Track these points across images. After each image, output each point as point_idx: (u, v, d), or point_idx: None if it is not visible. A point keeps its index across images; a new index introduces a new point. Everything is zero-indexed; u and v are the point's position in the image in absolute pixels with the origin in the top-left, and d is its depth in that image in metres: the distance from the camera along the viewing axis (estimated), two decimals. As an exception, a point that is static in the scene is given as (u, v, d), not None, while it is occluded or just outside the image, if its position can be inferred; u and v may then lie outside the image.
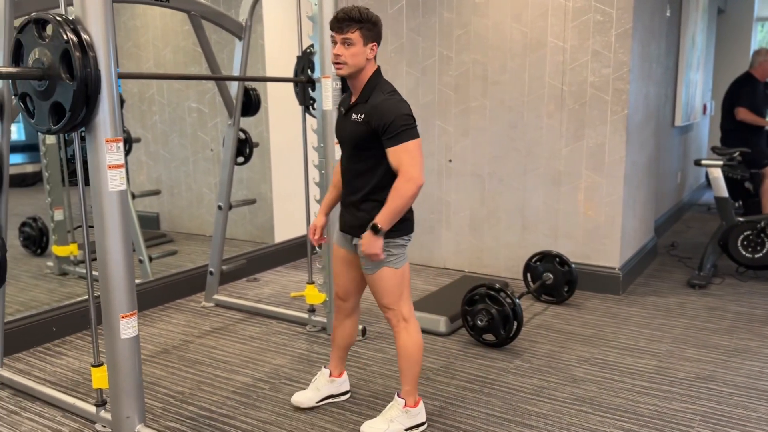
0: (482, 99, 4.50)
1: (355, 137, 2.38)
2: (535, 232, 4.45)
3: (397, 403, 2.56)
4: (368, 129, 2.33)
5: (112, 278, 2.27)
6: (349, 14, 2.28)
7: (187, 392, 2.97)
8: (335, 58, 2.32)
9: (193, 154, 5.94)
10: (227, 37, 5.27)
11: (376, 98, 2.34)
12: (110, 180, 2.19)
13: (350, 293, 2.68)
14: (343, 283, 2.66)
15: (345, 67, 2.32)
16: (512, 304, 3.32)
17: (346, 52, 2.30)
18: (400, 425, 2.54)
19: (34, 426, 2.67)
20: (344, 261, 2.62)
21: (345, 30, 2.29)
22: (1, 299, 2.96)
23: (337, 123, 2.54)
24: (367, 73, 2.38)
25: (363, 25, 2.30)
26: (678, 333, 3.60)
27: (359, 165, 2.42)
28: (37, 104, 2.24)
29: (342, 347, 2.80)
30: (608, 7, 3.98)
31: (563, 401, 2.82)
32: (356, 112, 2.38)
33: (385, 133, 2.29)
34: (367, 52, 2.33)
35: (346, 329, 2.76)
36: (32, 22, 2.19)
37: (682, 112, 6.18)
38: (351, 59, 2.31)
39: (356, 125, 2.37)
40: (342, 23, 2.28)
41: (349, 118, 2.41)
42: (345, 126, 2.45)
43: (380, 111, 2.29)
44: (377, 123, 2.30)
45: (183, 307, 4.19)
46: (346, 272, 2.63)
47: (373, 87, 2.37)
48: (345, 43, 2.30)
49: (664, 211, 6.15)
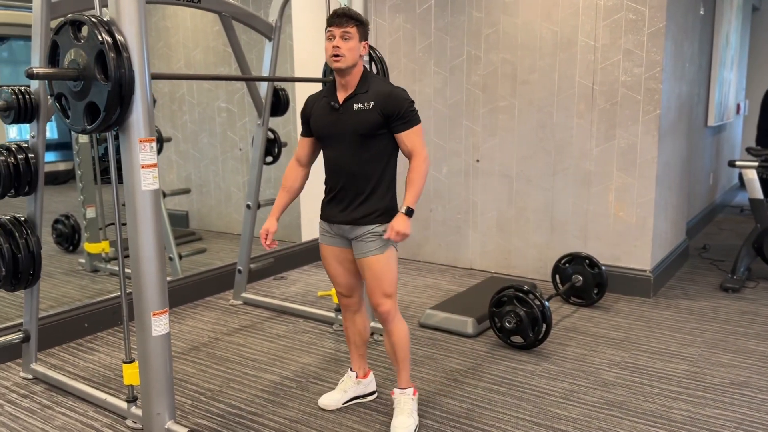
0: (511, 99, 4.47)
1: (364, 125, 2.43)
2: (564, 233, 4.41)
3: (406, 394, 2.62)
4: (379, 116, 2.42)
5: (145, 275, 2.30)
6: (347, 11, 2.43)
7: (216, 389, 2.99)
8: (335, 50, 2.40)
9: (222, 153, 5.99)
10: (256, 37, 5.31)
11: (382, 87, 2.46)
12: (143, 179, 2.22)
13: (353, 288, 2.70)
14: (343, 280, 2.67)
15: (343, 60, 2.40)
16: (541, 306, 3.29)
17: (344, 45, 2.40)
18: (416, 412, 2.63)
19: (67, 420, 2.72)
20: (337, 259, 2.63)
21: (344, 25, 2.40)
22: (35, 296, 3.02)
23: (320, 120, 2.53)
24: (360, 68, 2.49)
25: (359, 23, 2.44)
26: (711, 337, 3.53)
27: (365, 154, 2.46)
28: (72, 104, 2.28)
29: (359, 345, 2.81)
30: (641, 5, 3.92)
31: (593, 405, 2.79)
32: (359, 102, 2.44)
33: (400, 119, 2.43)
34: (360, 48, 2.45)
35: (358, 326, 2.78)
36: (68, 24, 2.23)
37: (715, 111, 6.06)
38: (348, 53, 2.40)
39: (365, 113, 2.42)
40: (342, 18, 2.41)
41: (350, 110, 2.45)
42: (343, 119, 2.46)
43: (393, 98, 2.43)
44: (391, 109, 2.42)
45: (212, 304, 4.23)
46: (343, 270, 2.65)
47: (370, 79, 2.49)
48: (344, 37, 2.40)
49: (697, 213, 6.04)
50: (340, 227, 2.54)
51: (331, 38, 2.41)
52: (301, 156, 2.68)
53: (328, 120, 2.51)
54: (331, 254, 2.63)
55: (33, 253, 2.80)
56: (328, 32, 2.42)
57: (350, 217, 2.50)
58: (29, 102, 2.79)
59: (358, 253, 2.52)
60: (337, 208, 2.54)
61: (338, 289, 2.71)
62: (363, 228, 2.48)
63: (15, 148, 2.78)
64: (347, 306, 2.75)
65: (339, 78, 2.47)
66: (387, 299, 2.52)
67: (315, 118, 2.56)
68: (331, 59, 2.41)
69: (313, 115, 2.57)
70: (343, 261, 2.62)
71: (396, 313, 2.57)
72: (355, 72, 2.46)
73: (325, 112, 2.52)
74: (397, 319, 2.57)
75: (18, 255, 2.76)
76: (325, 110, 2.52)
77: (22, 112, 2.78)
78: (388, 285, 2.51)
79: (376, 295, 2.52)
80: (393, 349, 2.60)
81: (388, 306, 2.53)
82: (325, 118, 2.52)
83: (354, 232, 2.51)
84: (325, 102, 2.52)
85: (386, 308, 2.53)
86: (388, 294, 2.52)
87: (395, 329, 2.57)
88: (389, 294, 2.52)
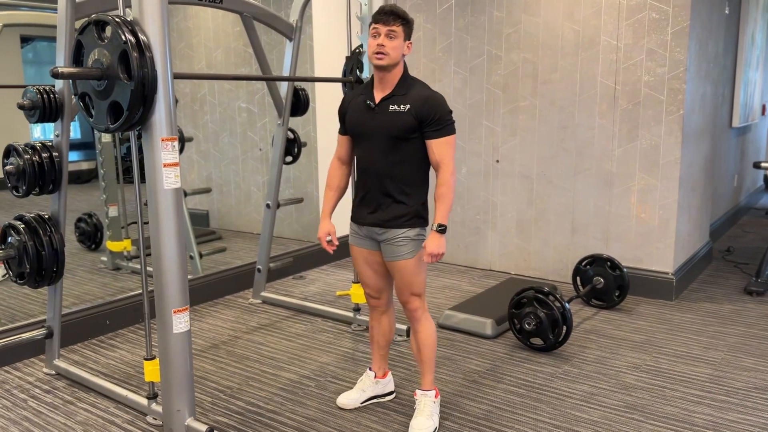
0: (531, 98, 4.44)
1: (398, 128, 2.40)
2: (585, 234, 4.37)
3: (428, 396, 2.61)
4: (414, 120, 2.38)
5: (166, 273, 2.32)
6: (394, 9, 2.39)
7: (236, 387, 3.01)
8: (378, 48, 2.37)
9: (243, 153, 6.03)
10: (276, 38, 5.34)
11: (421, 91, 2.42)
12: (165, 178, 2.24)
13: (381, 289, 2.69)
14: (373, 281, 2.67)
15: (386, 58, 2.38)
16: (561, 308, 3.26)
17: (389, 43, 2.37)
18: (437, 415, 2.61)
19: (89, 416, 2.75)
20: (366, 260, 2.62)
21: (390, 23, 2.37)
22: (58, 293, 3.06)
23: (356, 118, 2.52)
24: (400, 68, 2.46)
25: (405, 22, 2.40)
26: (734, 341, 3.47)
27: (396, 156, 2.44)
28: (96, 103, 2.31)
29: (383, 345, 2.81)
30: (664, 4, 3.87)
31: (614, 408, 2.76)
32: (396, 104, 2.41)
33: (433, 125, 2.39)
34: (404, 47, 2.42)
35: (384, 327, 2.78)
36: (92, 24, 2.26)
37: (740, 112, 5.97)
38: (392, 51, 2.38)
39: (399, 115, 2.40)
40: (389, 16, 2.37)
41: (385, 110, 2.43)
42: (378, 119, 2.44)
43: (431, 103, 2.39)
44: (426, 114, 2.37)
45: (231, 303, 4.25)
46: (372, 271, 2.64)
47: (409, 80, 2.46)
48: (389, 36, 2.37)
49: (720, 215, 5.96)
50: (370, 229, 2.53)
51: (376, 35, 2.38)
52: (342, 154, 2.67)
53: (363, 118, 2.49)
54: (360, 256, 2.63)
55: (57, 250, 2.83)
56: (373, 29, 2.39)
57: (379, 219, 2.50)
58: (54, 101, 2.83)
59: (388, 256, 2.52)
60: (366, 210, 2.53)
61: (366, 290, 2.72)
62: (392, 231, 2.48)
63: (39, 146, 2.82)
64: (375, 306, 2.75)
65: (378, 76, 2.44)
66: (415, 298, 2.53)
67: (350, 114, 2.54)
68: (373, 56, 2.39)
69: (348, 112, 2.56)
70: (372, 263, 2.62)
71: (424, 313, 2.57)
72: (396, 71, 2.43)
73: (360, 109, 2.51)
74: (424, 318, 2.58)
75: (42, 252, 2.80)
76: (360, 108, 2.51)
77: (46, 111, 2.82)
78: (416, 287, 2.52)
79: (404, 294, 2.54)
80: (418, 348, 2.60)
81: (416, 304, 2.54)
82: (359, 116, 2.51)
83: (383, 234, 2.50)
84: (362, 100, 2.51)
85: (414, 306, 2.54)
86: (417, 294, 2.53)
87: (422, 328, 2.57)
88: (418, 294, 2.53)
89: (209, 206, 6.42)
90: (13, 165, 2.80)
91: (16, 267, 2.85)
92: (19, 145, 2.80)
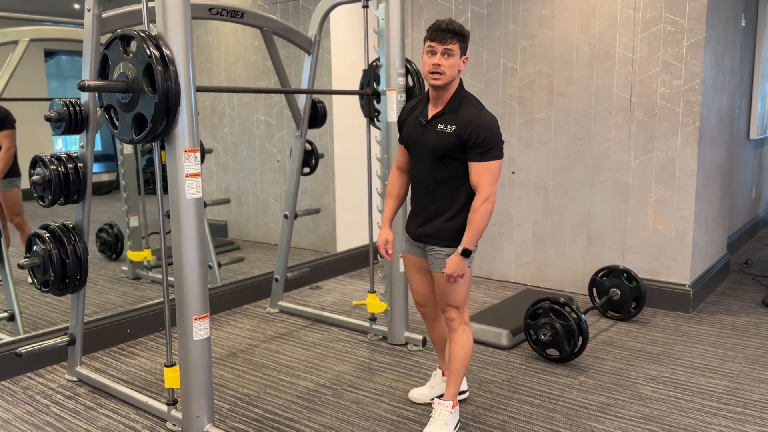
0: (547, 110, 4.47)
1: (442, 147, 2.41)
2: (602, 246, 4.37)
3: (445, 406, 2.62)
4: (458, 141, 2.38)
5: (187, 281, 2.37)
6: (450, 26, 2.33)
7: (253, 395, 3.05)
8: (434, 68, 2.34)
9: (261, 164, 6.10)
10: (295, 51, 5.42)
11: (469, 112, 2.39)
12: (188, 188, 2.30)
13: (428, 298, 2.74)
14: (420, 289, 2.72)
15: (443, 78, 2.36)
16: (577, 319, 3.27)
17: (445, 62, 2.34)
18: (452, 425, 2.62)
19: (109, 422, 2.80)
20: (416, 268, 2.68)
21: (447, 41, 2.33)
22: (81, 300, 3.12)
23: (409, 130, 2.55)
24: (455, 84, 2.43)
25: (462, 37, 2.36)
26: (752, 353, 3.45)
27: (441, 173, 2.46)
28: (120, 116, 2.38)
29: (442, 348, 2.87)
30: (680, 17, 3.89)
31: (630, 420, 2.75)
32: (444, 123, 2.41)
33: (474, 148, 2.36)
34: (461, 64, 2.39)
35: (438, 332, 2.84)
36: (118, 38, 2.33)
37: (757, 124, 5.95)
38: (449, 69, 2.35)
39: (444, 135, 2.40)
40: (445, 34, 2.33)
41: (434, 128, 2.44)
42: (426, 135, 2.47)
43: (474, 125, 2.35)
44: (468, 136, 2.35)
45: (249, 312, 4.30)
46: (421, 279, 2.69)
47: (461, 99, 2.43)
48: (445, 54, 2.34)
49: (738, 227, 5.92)
50: (417, 241, 2.61)
51: (432, 53, 2.35)
52: (401, 163, 2.70)
53: (415, 133, 2.52)
54: (410, 262, 2.70)
55: (80, 259, 2.90)
56: (429, 46, 2.36)
57: (422, 232, 2.56)
58: (79, 113, 2.90)
59: (431, 266, 2.58)
60: (415, 222, 2.61)
61: (414, 296, 2.78)
62: (432, 247, 2.54)
63: (65, 157, 2.89)
64: (423, 314, 2.82)
65: (433, 94, 2.45)
66: (453, 309, 2.57)
67: (406, 127, 2.59)
68: (428, 75, 2.37)
69: (405, 124, 2.60)
70: (422, 271, 2.68)
71: (461, 325, 2.59)
72: (450, 88, 2.42)
73: (414, 124, 2.54)
74: (461, 330, 2.60)
75: (66, 260, 2.87)
76: (414, 122, 2.54)
77: (72, 123, 2.90)
78: (453, 299, 2.55)
79: (442, 303, 2.60)
80: (450, 357, 2.63)
81: (453, 315, 2.58)
82: (412, 130, 2.54)
83: (426, 246, 2.57)
84: (416, 114, 2.54)
85: (451, 316, 2.59)
86: (454, 306, 2.57)
87: (457, 338, 2.60)
88: (455, 306, 2.57)
89: (228, 217, 6.50)
90: (39, 175, 2.87)
91: (41, 275, 2.92)
92: (46, 156, 2.88)
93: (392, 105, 3.44)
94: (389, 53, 3.41)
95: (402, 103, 3.46)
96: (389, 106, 3.45)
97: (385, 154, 3.52)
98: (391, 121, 3.45)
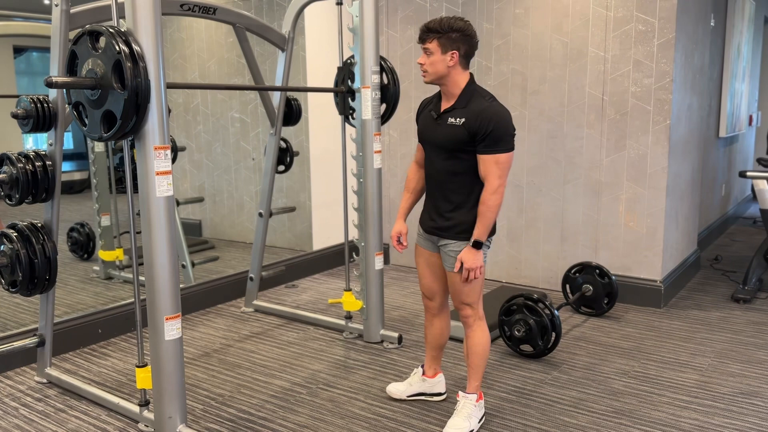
0: (521, 109, 4.50)
1: (453, 141, 2.45)
2: (575, 243, 4.41)
3: (469, 399, 2.65)
4: (467, 134, 2.41)
5: (158, 281, 2.34)
6: (427, 26, 2.43)
7: (227, 395, 3.02)
8: (420, 67, 2.47)
9: (235, 162, 6.06)
10: (269, 49, 5.39)
11: (479, 104, 2.42)
12: (158, 186, 2.27)
13: (435, 292, 2.75)
14: (428, 282, 2.74)
15: (428, 75, 2.46)
16: (550, 315, 3.30)
17: (427, 60, 2.44)
18: (476, 419, 2.64)
19: (80, 424, 2.76)
20: (427, 261, 2.70)
21: (425, 40, 2.43)
22: (50, 301, 3.07)
23: (423, 125, 2.61)
24: (457, 79, 2.46)
25: (441, 35, 2.40)
26: (721, 347, 3.52)
27: (454, 167, 2.49)
28: (89, 113, 2.34)
29: (435, 347, 2.87)
30: (650, 16, 3.95)
31: (602, 414, 2.79)
32: (454, 117, 2.45)
33: (483, 141, 2.39)
34: (447, 60, 2.41)
35: (436, 329, 2.84)
36: (86, 34, 2.29)
37: (727, 122, 6.05)
38: (430, 67, 2.43)
39: (454, 129, 2.44)
40: (423, 34, 2.44)
41: (444, 122, 2.48)
42: (438, 130, 2.50)
43: (483, 118, 2.38)
44: (477, 129, 2.38)
45: (223, 311, 4.27)
46: (430, 272, 2.71)
47: (472, 93, 2.46)
48: (426, 52, 2.44)
49: (708, 224, 6.02)
50: (430, 234, 2.61)
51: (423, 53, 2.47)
52: (419, 157, 2.73)
53: (429, 127, 2.57)
54: (421, 256, 2.71)
55: (49, 258, 2.85)
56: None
57: (435, 226, 2.58)
58: (47, 110, 2.85)
59: (445, 263, 2.60)
60: (427, 215, 2.63)
61: (422, 289, 2.79)
62: (445, 241, 2.55)
63: (33, 155, 2.84)
64: (427, 308, 2.82)
65: (441, 88, 2.52)
66: (466, 306, 2.59)
67: (421, 121, 2.63)
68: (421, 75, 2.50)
69: (420, 119, 2.64)
70: (431, 264, 2.69)
71: (476, 321, 2.61)
72: (453, 84, 2.46)
73: (427, 119, 2.58)
74: (476, 326, 2.62)
75: (35, 260, 2.82)
76: (428, 117, 2.58)
77: (40, 120, 2.85)
78: (466, 296, 2.57)
79: (455, 301, 2.61)
80: (467, 353, 2.66)
81: (467, 312, 2.60)
82: (426, 125, 2.59)
83: (440, 241, 2.58)
84: (430, 109, 2.58)
85: (465, 313, 2.61)
86: (467, 303, 2.58)
87: (472, 335, 2.63)
88: (468, 303, 2.58)
89: (202, 216, 6.44)
90: (6, 173, 2.82)
91: (9, 275, 2.87)
92: (13, 154, 2.83)
93: (367, 103, 3.43)
94: (364, 51, 3.40)
95: (377, 101, 3.46)
96: (364, 103, 3.44)
97: (360, 152, 3.52)
98: (366, 119, 3.45)
